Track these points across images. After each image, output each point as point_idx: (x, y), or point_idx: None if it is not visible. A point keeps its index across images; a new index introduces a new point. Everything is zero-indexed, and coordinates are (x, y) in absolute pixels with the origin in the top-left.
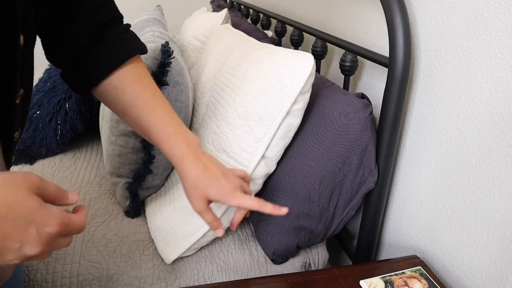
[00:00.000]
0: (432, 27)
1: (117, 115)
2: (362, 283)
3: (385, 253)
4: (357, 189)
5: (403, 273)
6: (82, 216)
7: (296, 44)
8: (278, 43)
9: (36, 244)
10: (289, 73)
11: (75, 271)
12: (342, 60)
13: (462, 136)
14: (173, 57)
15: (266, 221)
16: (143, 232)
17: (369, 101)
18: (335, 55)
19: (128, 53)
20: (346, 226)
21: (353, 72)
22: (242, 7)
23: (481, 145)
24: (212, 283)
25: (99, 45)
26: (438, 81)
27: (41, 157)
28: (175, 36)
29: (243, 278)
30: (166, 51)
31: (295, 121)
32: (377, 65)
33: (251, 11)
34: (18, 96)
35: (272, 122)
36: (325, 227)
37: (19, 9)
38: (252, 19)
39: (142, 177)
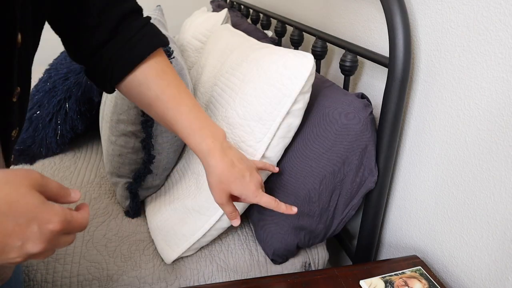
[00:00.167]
0: (432, 27)
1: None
2: (362, 283)
3: (385, 253)
4: (357, 189)
5: (403, 273)
6: (84, 213)
7: (296, 44)
8: (278, 43)
9: (39, 241)
10: (289, 73)
11: (75, 271)
12: (342, 60)
13: (462, 136)
14: (173, 57)
15: (266, 221)
16: (143, 232)
17: (369, 101)
18: (335, 55)
19: (150, 47)
20: (346, 226)
21: (353, 72)
22: (242, 7)
23: (481, 145)
24: (212, 283)
25: (119, 40)
26: (438, 81)
27: (41, 157)
28: (175, 36)
29: (243, 278)
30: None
31: (295, 121)
32: (377, 65)
33: (251, 11)
34: (15, 94)
35: (272, 122)
36: (325, 227)
37: (17, 8)
38: (252, 19)
39: (142, 177)
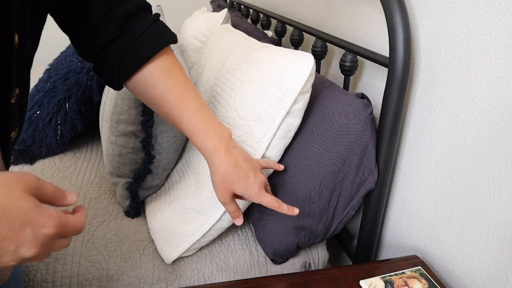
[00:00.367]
0: (432, 27)
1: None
2: (362, 283)
3: (385, 253)
4: (357, 189)
5: (403, 273)
6: (80, 217)
7: (296, 44)
8: (278, 43)
9: (32, 245)
10: (289, 73)
11: (75, 271)
12: (342, 60)
13: (462, 136)
14: None
15: (266, 221)
16: (143, 232)
17: (369, 101)
18: (335, 55)
19: (158, 45)
20: (346, 226)
21: (353, 72)
22: (242, 7)
23: (481, 145)
24: (212, 283)
25: (126, 38)
26: (438, 81)
27: (41, 157)
28: None
29: (243, 278)
30: None
31: (295, 121)
32: (377, 65)
33: (251, 11)
34: (14, 95)
35: (272, 122)
36: (325, 227)
37: (13, 8)
38: (252, 19)
39: (142, 177)
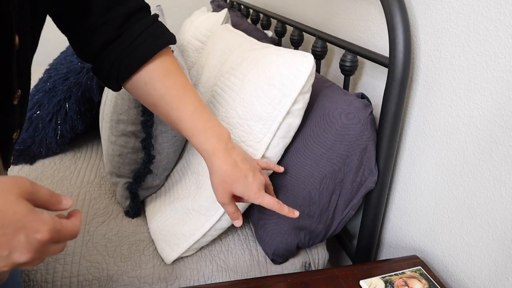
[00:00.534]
0: (432, 27)
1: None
2: (362, 283)
3: (385, 253)
4: (357, 189)
5: (403, 273)
6: (75, 221)
7: (296, 44)
8: (278, 43)
9: (26, 251)
10: (289, 73)
11: (75, 271)
12: (342, 60)
13: (462, 136)
14: None
15: (266, 221)
16: (143, 232)
17: (369, 101)
18: (335, 55)
19: (156, 46)
20: (346, 226)
21: (353, 72)
22: (242, 7)
23: (481, 145)
24: (212, 283)
25: (125, 39)
26: (438, 81)
27: (41, 157)
28: None
29: (243, 278)
30: None
31: (295, 121)
32: (377, 65)
33: (251, 11)
34: (16, 97)
35: (272, 122)
36: (325, 227)
37: (12, 9)
38: (252, 19)
39: (142, 177)
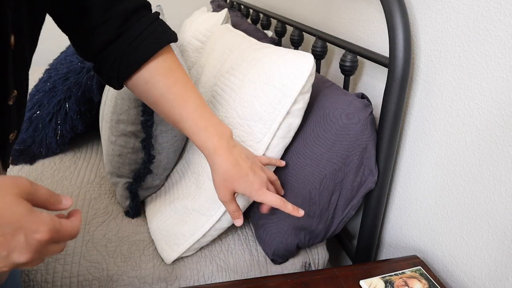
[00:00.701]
0: (432, 27)
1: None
2: (362, 283)
3: (385, 253)
4: (357, 189)
5: (403, 273)
6: (75, 221)
7: (296, 44)
8: (278, 43)
9: (25, 251)
10: (289, 73)
11: (75, 271)
12: (342, 60)
13: (462, 136)
14: None
15: (266, 221)
16: (143, 232)
17: (369, 101)
18: (335, 55)
19: (157, 45)
20: (346, 226)
21: (353, 72)
22: (242, 7)
23: (481, 145)
24: (212, 283)
25: (126, 38)
26: (438, 81)
27: (41, 157)
28: None
29: (243, 278)
30: None
31: (295, 121)
32: (377, 65)
33: (251, 11)
34: (11, 97)
35: (272, 122)
36: (325, 227)
37: (7, 9)
38: (252, 19)
39: (142, 177)
